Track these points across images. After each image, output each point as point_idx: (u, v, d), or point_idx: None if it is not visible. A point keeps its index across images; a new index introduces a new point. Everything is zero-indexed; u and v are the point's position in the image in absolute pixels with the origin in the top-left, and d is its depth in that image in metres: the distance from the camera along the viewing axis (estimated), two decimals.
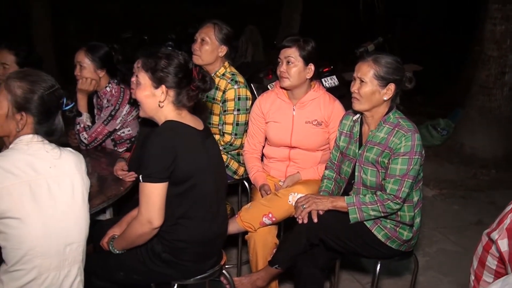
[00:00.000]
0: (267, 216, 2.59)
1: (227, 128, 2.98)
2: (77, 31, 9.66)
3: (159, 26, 8.72)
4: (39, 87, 1.73)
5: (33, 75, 1.77)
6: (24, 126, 1.74)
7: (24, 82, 1.73)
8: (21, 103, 1.72)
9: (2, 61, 2.95)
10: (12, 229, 1.64)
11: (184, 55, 2.01)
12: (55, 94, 1.77)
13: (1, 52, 2.97)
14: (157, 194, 1.90)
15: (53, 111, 1.78)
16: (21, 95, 1.72)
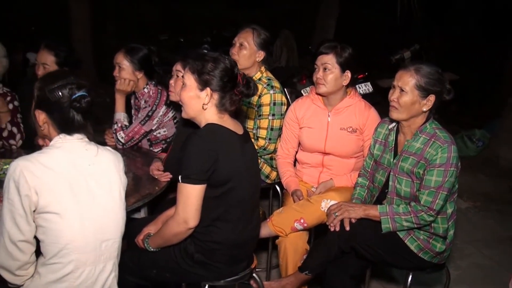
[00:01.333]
0: (298, 221, 2.59)
1: (261, 133, 3.00)
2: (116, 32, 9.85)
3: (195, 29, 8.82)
4: (50, 84, 1.76)
5: (54, 74, 1.85)
6: (46, 124, 1.80)
7: (41, 82, 1.80)
8: (38, 102, 1.79)
9: (42, 61, 3.02)
10: (51, 223, 1.69)
11: (230, 60, 2.04)
12: (67, 89, 1.77)
13: (42, 53, 3.04)
14: (194, 195, 1.93)
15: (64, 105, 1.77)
16: (40, 95, 1.78)
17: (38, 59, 3.04)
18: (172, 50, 6.63)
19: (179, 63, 2.59)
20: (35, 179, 1.65)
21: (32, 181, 1.64)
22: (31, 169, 1.66)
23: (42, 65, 3.02)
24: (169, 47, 6.67)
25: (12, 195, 1.64)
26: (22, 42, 7.00)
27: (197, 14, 10.71)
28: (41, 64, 3.03)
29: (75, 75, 1.83)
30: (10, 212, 1.65)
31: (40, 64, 3.03)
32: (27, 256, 1.70)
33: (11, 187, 1.65)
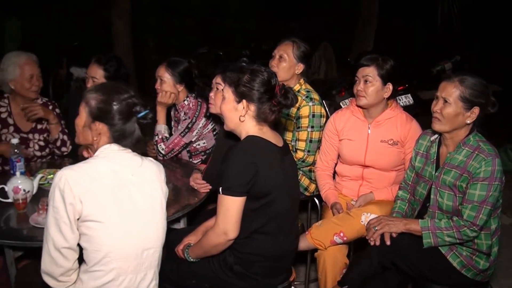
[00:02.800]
0: (338, 235, 2.56)
1: (300, 145, 2.99)
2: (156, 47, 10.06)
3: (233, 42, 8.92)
4: (112, 97, 1.82)
5: (109, 87, 1.87)
6: (100, 135, 1.83)
7: (99, 93, 1.83)
8: (95, 113, 1.82)
9: (92, 75, 3.10)
10: (94, 231, 1.73)
11: (268, 71, 2.04)
12: (128, 103, 1.83)
13: (92, 67, 3.12)
14: (235, 208, 1.94)
15: (127, 120, 1.84)
16: (95, 106, 1.81)
17: (88, 73, 3.13)
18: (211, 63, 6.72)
19: (219, 76, 2.62)
20: (79, 188, 1.69)
21: (76, 190, 1.69)
22: (76, 178, 1.70)
23: (91, 79, 3.11)
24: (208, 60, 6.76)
25: (57, 203, 1.69)
26: (66, 57, 7.25)
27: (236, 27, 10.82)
28: (90, 78, 3.11)
29: (134, 90, 1.88)
30: (55, 220, 1.70)
31: (89, 78, 3.12)
32: (71, 263, 1.74)
33: (56, 195, 1.70)
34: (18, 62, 3.03)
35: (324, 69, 7.47)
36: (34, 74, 3.03)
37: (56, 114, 3.15)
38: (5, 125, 3.08)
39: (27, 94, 3.05)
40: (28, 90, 3.03)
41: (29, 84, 3.02)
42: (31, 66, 3.03)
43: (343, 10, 10.65)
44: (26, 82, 3.01)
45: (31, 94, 3.05)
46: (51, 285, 1.77)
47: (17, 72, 3.01)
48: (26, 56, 3.07)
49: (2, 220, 2.28)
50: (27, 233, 2.15)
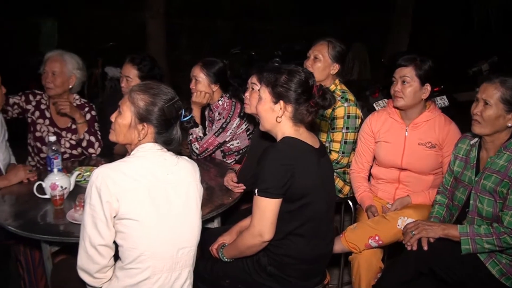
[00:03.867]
0: (373, 238, 2.51)
1: (334, 146, 2.95)
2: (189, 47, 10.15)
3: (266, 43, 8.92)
4: (159, 99, 1.83)
5: (154, 88, 1.86)
6: (145, 136, 1.84)
7: (146, 94, 1.83)
8: (143, 115, 1.82)
9: (126, 74, 3.16)
10: (131, 230, 1.74)
11: (306, 71, 2.02)
12: (175, 106, 1.86)
13: (126, 66, 3.18)
14: (270, 209, 1.92)
15: (172, 122, 1.87)
16: (143, 107, 1.82)
17: (122, 72, 3.19)
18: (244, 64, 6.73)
19: (255, 76, 2.61)
20: (116, 187, 1.71)
21: (113, 189, 1.70)
22: (112, 176, 1.72)
23: (125, 78, 3.16)
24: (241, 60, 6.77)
25: (94, 201, 1.71)
26: (101, 57, 7.38)
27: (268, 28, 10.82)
28: (124, 77, 3.17)
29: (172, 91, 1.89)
30: (91, 217, 1.71)
31: (124, 77, 3.18)
32: (106, 260, 1.76)
33: (93, 193, 1.71)
34: (45, 58, 3.12)
35: (358, 70, 7.39)
36: (50, 71, 3.07)
37: (91, 117, 3.19)
38: (42, 116, 3.17)
39: (45, 90, 3.11)
40: (44, 86, 3.10)
41: (43, 81, 3.09)
42: (50, 63, 3.08)
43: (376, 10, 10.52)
44: (44, 77, 3.08)
45: (47, 91, 3.11)
46: (87, 281, 1.79)
47: (43, 66, 3.11)
48: (53, 53, 3.14)
49: (40, 216, 2.32)
50: (64, 228, 2.18)
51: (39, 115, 3.15)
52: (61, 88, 3.08)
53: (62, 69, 3.07)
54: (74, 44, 3.34)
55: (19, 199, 2.55)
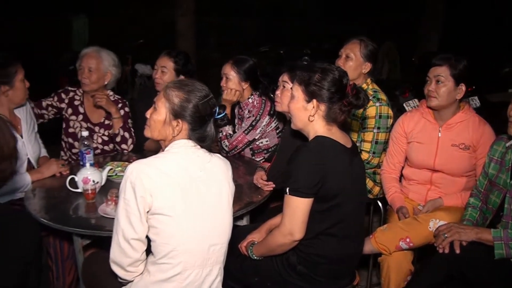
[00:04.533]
0: (404, 240, 2.47)
1: (365, 146, 2.91)
2: (217, 45, 10.20)
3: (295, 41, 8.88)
4: (194, 96, 1.83)
5: (189, 85, 1.87)
6: (179, 132, 1.85)
7: (181, 91, 1.84)
8: (178, 111, 1.83)
9: (162, 65, 3.23)
10: (163, 225, 1.75)
11: (340, 70, 2.00)
12: (209, 103, 1.86)
13: (162, 58, 3.25)
14: (301, 209, 1.91)
15: (206, 119, 1.87)
16: (178, 104, 1.83)
17: (157, 63, 3.25)
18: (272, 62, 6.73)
19: (286, 74, 2.60)
20: (150, 182, 1.72)
21: (147, 184, 1.71)
22: (147, 172, 1.73)
23: (161, 68, 3.23)
24: (270, 59, 6.77)
25: (128, 195, 1.72)
26: (131, 54, 7.47)
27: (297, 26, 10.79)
28: (160, 67, 3.23)
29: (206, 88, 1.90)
30: (125, 211, 1.73)
31: (159, 68, 3.24)
32: (139, 254, 1.77)
33: (127, 188, 1.73)
34: (81, 54, 3.17)
35: (387, 69, 7.29)
36: (86, 67, 3.11)
37: (124, 113, 3.22)
38: (76, 112, 3.21)
39: (81, 85, 3.16)
40: (80, 82, 3.14)
41: (80, 76, 3.13)
42: (87, 59, 3.12)
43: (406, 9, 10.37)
44: (80, 73, 3.13)
45: (83, 86, 3.16)
46: (119, 274, 1.81)
47: (79, 62, 3.16)
48: (88, 49, 3.18)
49: (72, 209, 2.36)
50: (96, 222, 2.21)
51: (72, 112, 3.21)
52: (96, 84, 3.13)
53: (98, 65, 3.12)
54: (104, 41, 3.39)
55: (51, 192, 2.59)
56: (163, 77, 3.19)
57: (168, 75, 3.20)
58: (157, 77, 3.23)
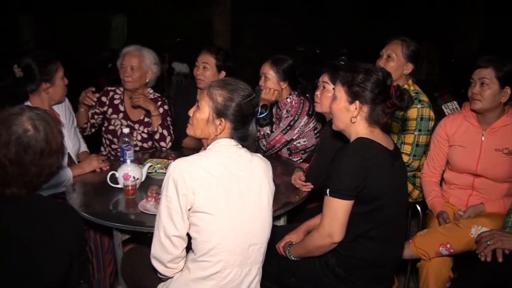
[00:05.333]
0: (445, 246, 2.41)
1: (405, 148, 2.86)
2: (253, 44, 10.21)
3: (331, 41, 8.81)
4: (237, 95, 1.84)
5: (232, 84, 1.88)
6: (222, 131, 1.86)
7: (224, 90, 1.85)
8: (221, 110, 1.84)
9: (203, 61, 3.27)
10: (205, 223, 1.77)
11: (384, 71, 1.97)
12: (252, 102, 1.87)
13: (204, 55, 3.29)
14: (342, 211, 1.89)
15: (249, 119, 1.88)
16: (222, 103, 1.84)
17: (199, 60, 3.28)
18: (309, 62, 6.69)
19: (326, 74, 2.58)
20: (193, 180, 1.73)
21: (190, 182, 1.73)
22: (189, 170, 1.75)
23: (202, 64, 3.26)
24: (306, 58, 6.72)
25: (171, 192, 1.74)
26: (168, 52, 7.55)
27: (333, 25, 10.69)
28: (202, 64, 3.27)
29: None
30: (167, 208, 1.75)
31: (201, 64, 3.27)
32: (179, 251, 1.79)
33: (170, 185, 1.75)
34: (123, 53, 3.22)
35: (426, 70, 7.14)
36: (128, 66, 3.15)
37: (163, 111, 3.26)
38: (116, 111, 3.27)
39: (123, 84, 3.21)
40: (122, 80, 3.19)
41: (122, 75, 3.18)
42: (129, 58, 3.16)
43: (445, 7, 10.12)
44: (122, 71, 3.17)
45: (125, 85, 3.20)
46: (159, 270, 1.84)
47: (120, 61, 3.20)
48: (131, 48, 3.22)
49: (112, 204, 2.41)
50: (135, 218, 2.25)
51: (112, 111, 3.26)
52: (138, 83, 3.18)
53: (140, 64, 3.16)
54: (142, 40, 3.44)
55: (91, 187, 2.66)
56: (205, 73, 3.23)
57: (210, 71, 3.23)
58: (199, 74, 3.26)
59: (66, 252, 1.62)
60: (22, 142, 1.56)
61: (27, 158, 1.57)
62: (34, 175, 1.60)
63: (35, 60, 2.70)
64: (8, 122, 1.57)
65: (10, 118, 1.57)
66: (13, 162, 1.56)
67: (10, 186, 1.59)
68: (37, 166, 1.59)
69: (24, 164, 1.57)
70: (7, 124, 1.56)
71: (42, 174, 1.62)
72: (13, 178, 1.58)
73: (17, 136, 1.56)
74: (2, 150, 1.55)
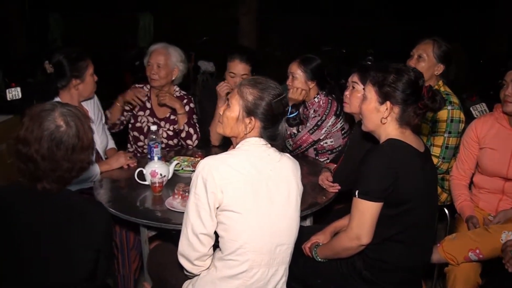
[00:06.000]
0: (474, 251, 2.36)
1: (434, 151, 2.81)
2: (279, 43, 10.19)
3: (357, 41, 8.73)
4: (268, 94, 1.83)
5: (263, 83, 1.87)
6: (251, 130, 1.86)
7: (255, 89, 1.84)
8: (251, 108, 1.84)
9: (242, 73, 3.15)
10: (232, 221, 1.76)
11: (415, 71, 1.94)
12: (282, 101, 1.85)
13: (239, 64, 3.17)
14: (370, 213, 1.87)
15: (279, 118, 1.87)
16: (252, 101, 1.83)
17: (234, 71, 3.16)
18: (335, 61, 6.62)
19: (356, 75, 2.55)
20: (222, 179, 1.73)
21: (219, 180, 1.73)
22: (219, 169, 1.75)
23: (241, 77, 3.10)
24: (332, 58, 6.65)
25: (199, 190, 1.75)
26: (195, 51, 7.59)
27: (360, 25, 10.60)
28: (240, 76, 3.13)
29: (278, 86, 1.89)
30: (195, 206, 1.76)
31: (239, 76, 3.14)
32: (206, 249, 1.79)
33: (199, 183, 1.75)
34: (150, 50, 3.24)
35: (454, 71, 7.01)
36: (155, 63, 3.16)
37: (189, 109, 3.27)
38: (143, 108, 3.29)
39: (149, 81, 3.23)
40: (149, 77, 3.21)
41: (148, 72, 3.19)
42: (156, 55, 3.18)
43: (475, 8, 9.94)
44: (149, 69, 3.19)
45: (151, 82, 3.22)
46: (186, 267, 1.84)
47: (147, 58, 3.22)
48: (158, 46, 3.24)
49: (139, 200, 2.43)
50: (162, 215, 2.26)
51: (139, 108, 3.29)
52: (165, 80, 3.20)
53: (167, 61, 3.18)
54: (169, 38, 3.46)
55: (118, 183, 2.68)
56: (235, 82, 3.06)
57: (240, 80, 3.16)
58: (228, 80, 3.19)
59: (94, 247, 1.64)
60: (54, 138, 1.59)
61: (59, 153, 1.59)
62: (66, 170, 1.63)
63: (66, 56, 2.75)
64: (40, 118, 1.59)
65: (42, 114, 1.60)
66: (45, 158, 1.58)
67: (42, 181, 1.62)
68: (69, 162, 1.62)
69: (56, 160, 1.59)
70: (39, 120, 1.59)
71: (73, 169, 1.65)
72: (45, 174, 1.60)
73: (50, 132, 1.58)
74: (34, 146, 1.57)
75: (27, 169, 1.60)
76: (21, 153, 1.58)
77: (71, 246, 1.60)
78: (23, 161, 1.59)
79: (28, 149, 1.57)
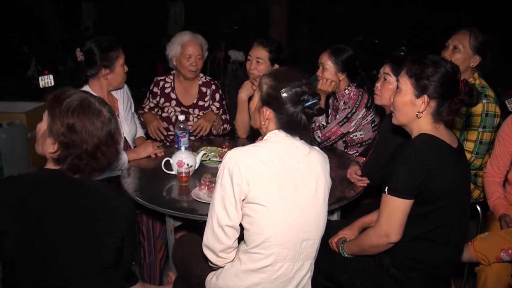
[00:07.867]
0: (506, 251, 2.27)
1: (468, 146, 2.73)
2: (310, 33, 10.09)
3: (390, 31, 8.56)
4: (281, 84, 1.79)
5: (283, 73, 1.85)
6: (267, 120, 1.83)
7: (270, 79, 1.82)
8: (265, 98, 1.82)
9: (256, 56, 3.18)
10: (258, 214, 1.74)
11: (453, 64, 1.87)
12: (297, 91, 1.78)
13: (257, 49, 3.19)
14: (400, 210, 1.82)
15: (294, 107, 1.79)
16: (265, 91, 1.82)
17: (252, 54, 3.20)
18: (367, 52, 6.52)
19: (388, 66, 2.49)
20: (248, 171, 1.72)
21: (245, 172, 1.71)
22: (245, 160, 1.73)
23: (255, 59, 3.17)
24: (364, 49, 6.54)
25: (225, 182, 1.73)
26: (225, 40, 7.58)
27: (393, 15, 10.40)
28: (254, 58, 3.18)
29: (306, 77, 1.84)
30: (221, 198, 1.74)
31: (253, 58, 3.19)
32: (231, 241, 1.78)
33: (225, 175, 1.74)
34: (182, 40, 3.21)
35: (489, 63, 6.81)
36: (193, 54, 3.16)
37: (219, 96, 3.29)
38: (168, 99, 3.31)
39: (184, 73, 3.22)
40: (185, 69, 3.20)
41: (187, 63, 3.18)
42: (192, 47, 3.17)
43: None
44: (185, 60, 3.18)
45: (188, 74, 3.22)
46: (211, 259, 1.83)
47: (179, 50, 3.20)
48: (190, 36, 3.23)
49: (165, 190, 2.43)
50: (188, 205, 2.26)
51: (164, 100, 3.31)
52: (199, 70, 3.26)
53: (203, 52, 3.23)
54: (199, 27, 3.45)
55: (145, 172, 2.69)
56: (258, 68, 3.15)
57: (263, 65, 3.15)
58: (253, 68, 3.19)
59: (117, 235, 1.64)
60: (109, 131, 1.61)
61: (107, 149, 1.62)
62: (103, 161, 1.64)
63: (98, 45, 2.75)
64: (88, 115, 1.58)
65: (89, 111, 1.58)
66: (104, 153, 1.61)
67: (81, 173, 1.61)
68: (107, 154, 1.63)
69: (101, 152, 1.61)
70: (90, 116, 1.58)
71: (111, 160, 1.67)
72: (88, 166, 1.61)
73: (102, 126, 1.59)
74: (91, 140, 1.58)
75: (79, 163, 1.59)
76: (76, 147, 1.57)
77: (95, 232, 1.60)
78: (77, 156, 1.58)
79: (86, 145, 1.57)
